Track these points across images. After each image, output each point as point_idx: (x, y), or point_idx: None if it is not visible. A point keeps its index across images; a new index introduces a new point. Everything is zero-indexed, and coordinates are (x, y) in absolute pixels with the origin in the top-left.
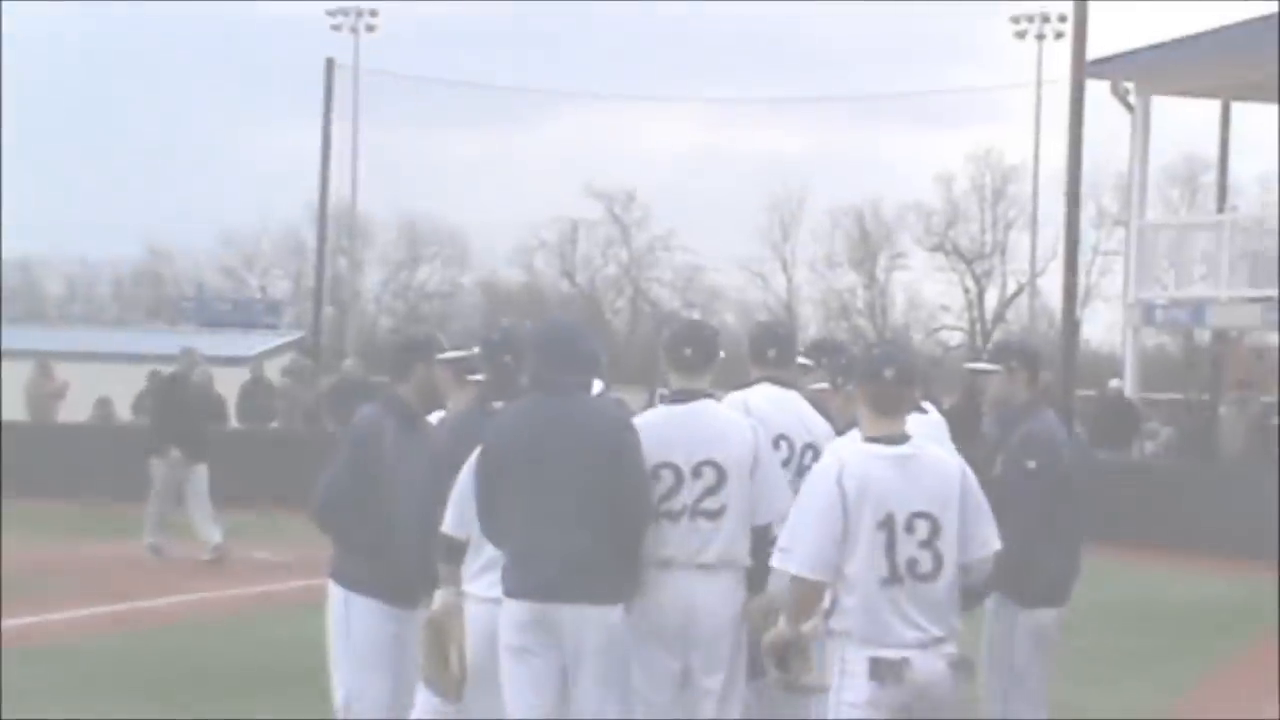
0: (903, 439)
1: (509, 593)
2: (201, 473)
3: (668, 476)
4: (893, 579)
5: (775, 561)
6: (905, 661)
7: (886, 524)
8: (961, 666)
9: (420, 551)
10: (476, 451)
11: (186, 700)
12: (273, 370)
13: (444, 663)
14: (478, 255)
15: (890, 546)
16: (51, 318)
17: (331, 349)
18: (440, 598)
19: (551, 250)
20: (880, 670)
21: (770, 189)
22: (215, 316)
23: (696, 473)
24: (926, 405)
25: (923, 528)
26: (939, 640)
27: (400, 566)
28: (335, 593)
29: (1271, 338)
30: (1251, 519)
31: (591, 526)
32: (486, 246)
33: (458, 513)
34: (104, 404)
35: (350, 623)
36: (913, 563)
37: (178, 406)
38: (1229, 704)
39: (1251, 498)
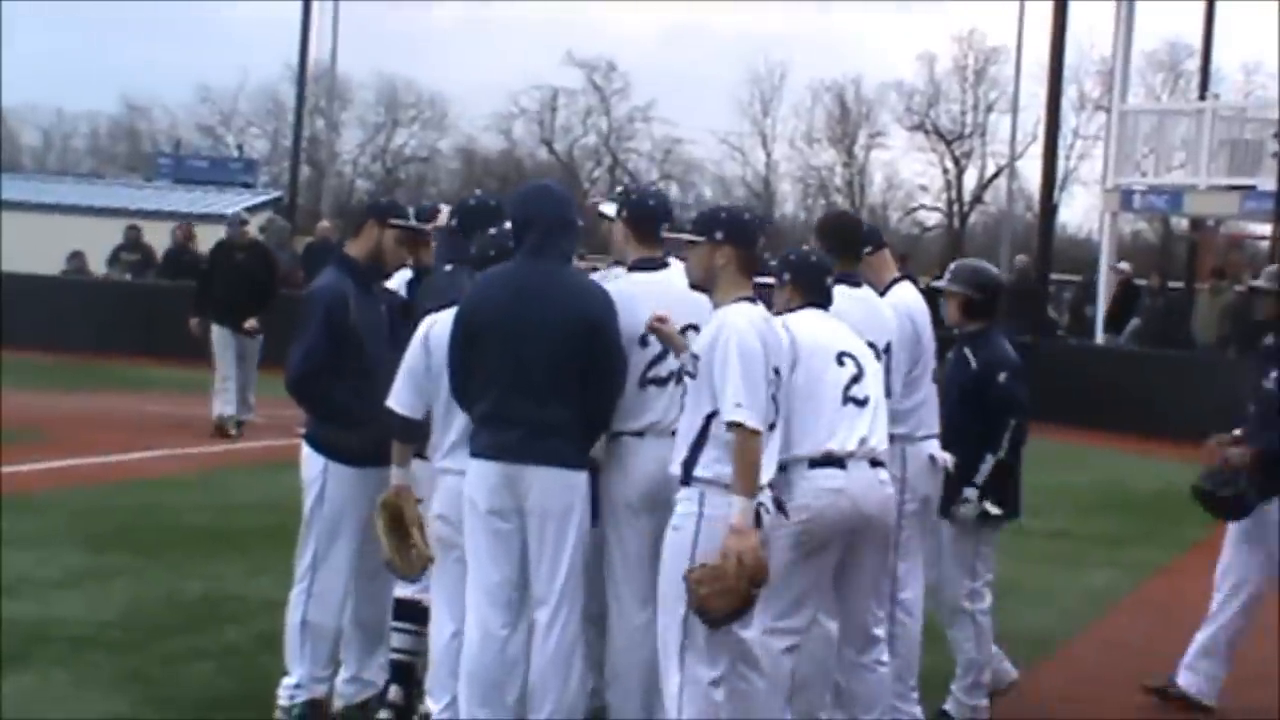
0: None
1: (476, 454)
2: (254, 342)
3: (658, 340)
4: (770, 429)
5: (736, 416)
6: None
7: (773, 380)
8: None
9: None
10: (432, 324)
11: (150, 554)
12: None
13: (402, 544)
14: (456, 120)
15: (773, 399)
16: (27, 169)
17: (307, 210)
18: (394, 477)
19: (530, 117)
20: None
21: (751, 63)
22: (191, 173)
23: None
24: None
25: (774, 380)
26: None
27: (377, 429)
28: (313, 460)
29: (1248, 226)
30: (1224, 407)
31: (564, 396)
32: (465, 112)
33: (410, 389)
34: (77, 257)
35: (327, 490)
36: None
37: (223, 273)
38: (1196, 585)
39: (1225, 386)
